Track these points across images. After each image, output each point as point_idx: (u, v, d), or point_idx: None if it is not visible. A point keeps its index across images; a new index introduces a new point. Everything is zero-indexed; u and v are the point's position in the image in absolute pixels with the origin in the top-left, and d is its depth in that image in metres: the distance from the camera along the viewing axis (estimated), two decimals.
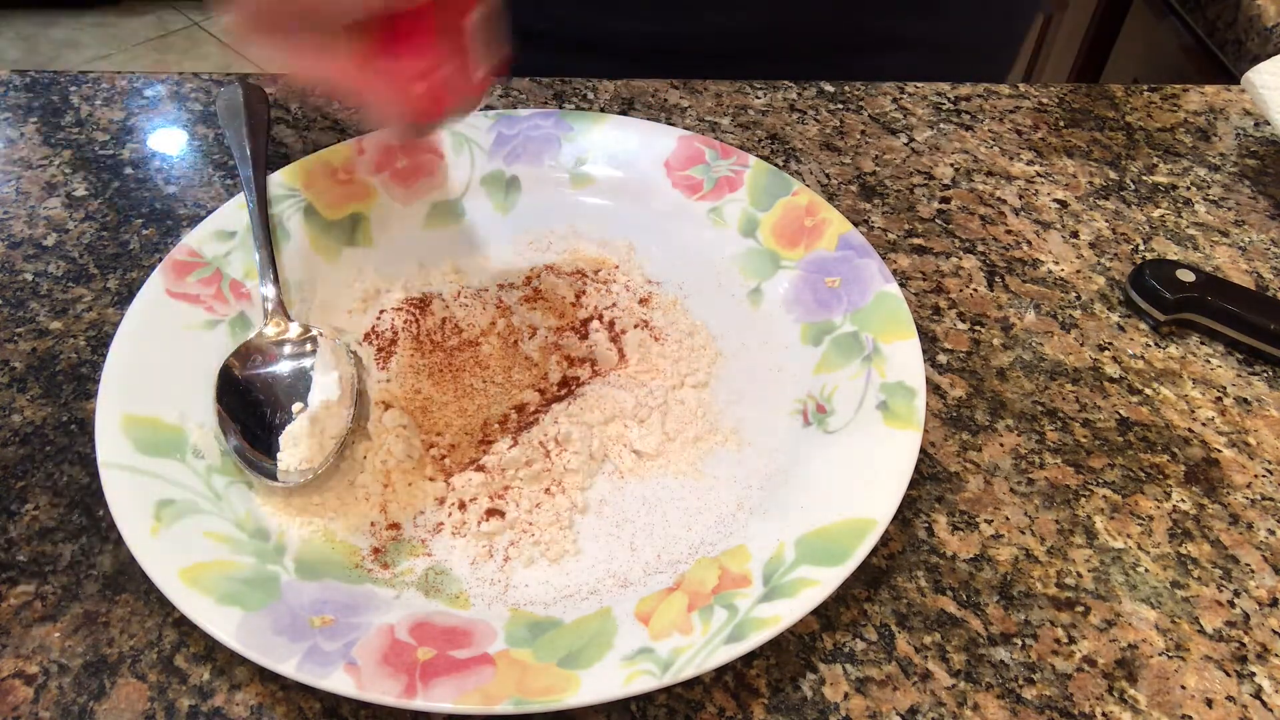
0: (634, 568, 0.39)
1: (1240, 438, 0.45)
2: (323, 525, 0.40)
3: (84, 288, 0.49)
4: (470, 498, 0.41)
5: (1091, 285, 0.51)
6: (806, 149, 0.58)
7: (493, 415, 0.44)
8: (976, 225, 0.54)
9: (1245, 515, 0.42)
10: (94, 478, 0.41)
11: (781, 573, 0.37)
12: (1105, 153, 0.60)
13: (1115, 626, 0.38)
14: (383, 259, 0.50)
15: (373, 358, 0.46)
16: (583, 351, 0.46)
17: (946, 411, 0.45)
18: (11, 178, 0.54)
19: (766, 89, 0.62)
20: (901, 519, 0.41)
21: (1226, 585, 0.40)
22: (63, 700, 0.35)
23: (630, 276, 0.50)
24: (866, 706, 0.36)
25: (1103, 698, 0.36)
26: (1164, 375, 0.47)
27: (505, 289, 0.49)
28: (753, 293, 0.49)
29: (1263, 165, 0.59)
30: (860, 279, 0.47)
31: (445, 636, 0.36)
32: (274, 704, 0.35)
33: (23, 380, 0.45)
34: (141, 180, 0.54)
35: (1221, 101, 0.64)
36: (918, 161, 0.58)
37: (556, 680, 0.34)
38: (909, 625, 0.38)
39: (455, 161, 0.54)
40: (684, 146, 0.54)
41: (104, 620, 0.37)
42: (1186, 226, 0.55)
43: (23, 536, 0.39)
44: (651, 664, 0.34)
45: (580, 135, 0.55)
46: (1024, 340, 0.49)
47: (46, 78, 0.61)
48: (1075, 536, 0.41)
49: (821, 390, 0.44)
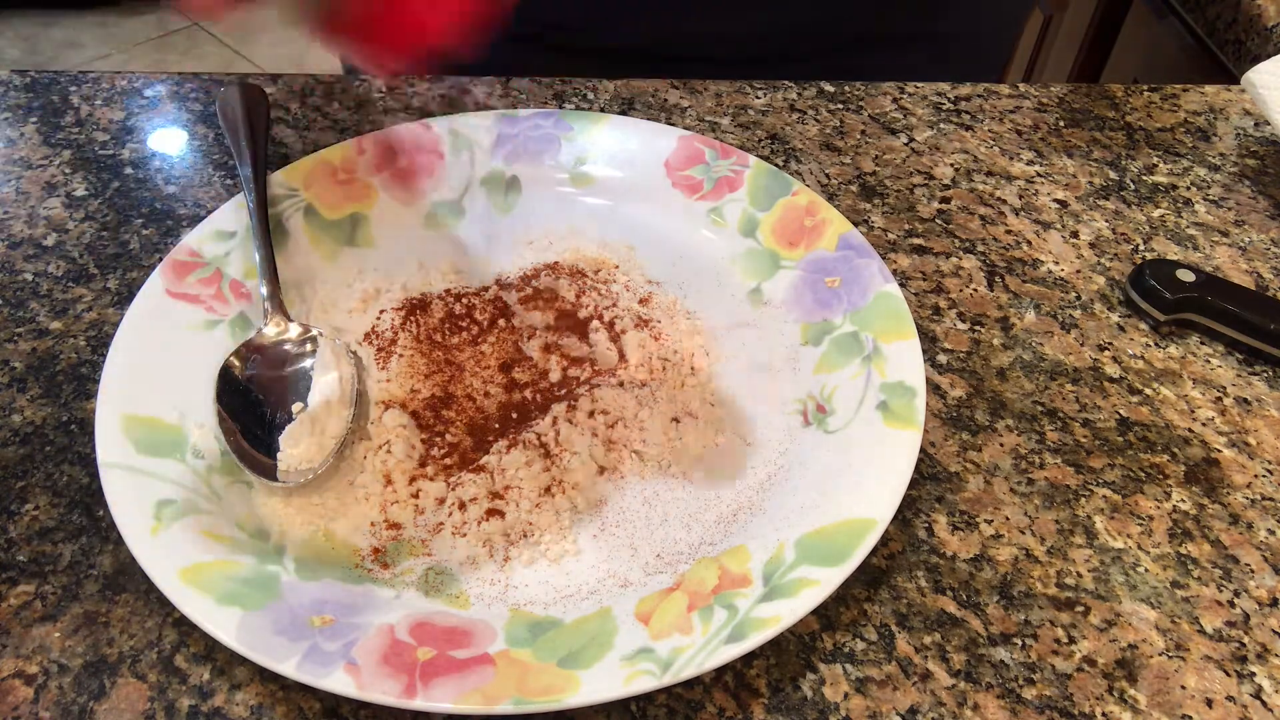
0: (634, 568, 0.39)
1: (1240, 438, 0.45)
2: (323, 525, 0.40)
3: (84, 288, 0.49)
4: (470, 498, 0.41)
5: (1091, 285, 0.51)
6: (806, 149, 0.58)
7: (493, 415, 0.44)
8: (976, 225, 0.54)
9: (1245, 515, 0.42)
10: (94, 478, 0.41)
11: (781, 573, 0.37)
12: (1105, 153, 0.60)
13: (1115, 626, 0.38)
14: (383, 259, 0.50)
15: (373, 358, 0.46)
16: (583, 351, 0.46)
17: (946, 411, 0.45)
18: (11, 178, 0.54)
19: (766, 89, 0.62)
20: (901, 519, 0.41)
21: (1226, 585, 0.40)
22: (63, 700, 0.35)
23: (630, 276, 0.50)
24: (866, 706, 0.36)
25: (1103, 698, 0.36)
26: (1164, 375, 0.47)
27: (505, 289, 0.49)
28: (753, 293, 0.49)
29: (1263, 165, 0.59)
30: (860, 279, 0.47)
31: (445, 636, 0.36)
32: (274, 704, 0.35)
33: (23, 380, 0.45)
34: (141, 180, 0.54)
35: (1221, 101, 0.64)
36: (918, 161, 0.58)
37: (556, 680, 0.34)
38: (909, 625, 0.38)
39: (455, 161, 0.54)
40: (684, 146, 0.54)
41: (104, 620, 0.37)
42: (1186, 226, 0.55)
43: (23, 536, 0.39)
44: (651, 664, 0.34)
45: (580, 135, 0.55)
46: (1024, 340, 0.49)
47: (46, 78, 0.61)
48: (1075, 536, 0.41)
49: (821, 390, 0.44)
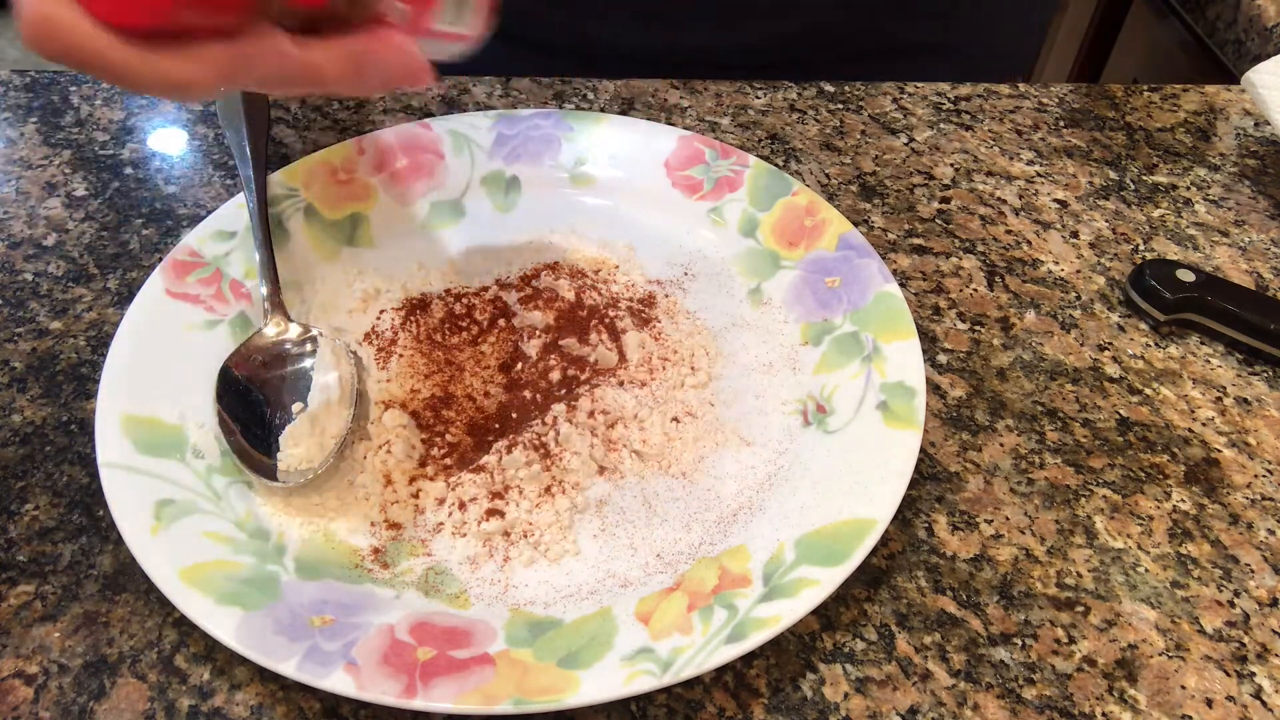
0: (634, 568, 0.39)
1: (1240, 438, 0.45)
2: (323, 525, 0.40)
3: (84, 288, 0.49)
4: (470, 498, 0.41)
5: (1091, 285, 0.51)
6: (806, 149, 0.58)
7: (492, 415, 0.44)
8: (976, 225, 0.54)
9: (1245, 515, 0.42)
10: (94, 478, 0.41)
11: (781, 573, 0.37)
12: (1105, 153, 0.60)
13: (1115, 626, 0.38)
14: (383, 259, 0.50)
15: (373, 358, 0.46)
16: (583, 351, 0.46)
17: (946, 411, 0.45)
18: (11, 178, 0.54)
19: (766, 89, 0.62)
20: (901, 519, 0.41)
21: (1226, 585, 0.40)
22: (63, 700, 0.35)
23: (630, 276, 0.50)
24: (866, 706, 0.36)
25: (1103, 698, 0.36)
26: (1164, 375, 0.47)
27: (505, 289, 0.49)
28: (753, 293, 0.49)
29: (1263, 165, 0.59)
30: (860, 279, 0.47)
31: (445, 636, 0.36)
32: (274, 704, 0.35)
33: (23, 380, 0.45)
34: (141, 180, 0.54)
35: (1221, 101, 0.64)
36: (918, 161, 0.58)
37: (556, 680, 0.34)
38: (909, 625, 0.38)
39: (455, 161, 0.54)
40: (684, 146, 0.54)
41: (104, 620, 0.37)
42: (1186, 226, 0.55)
43: (23, 536, 0.39)
44: (651, 664, 0.34)
45: (580, 135, 0.55)
46: (1024, 340, 0.49)
47: (46, 78, 0.61)
48: (1075, 536, 0.41)
49: (821, 390, 0.44)
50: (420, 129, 0.54)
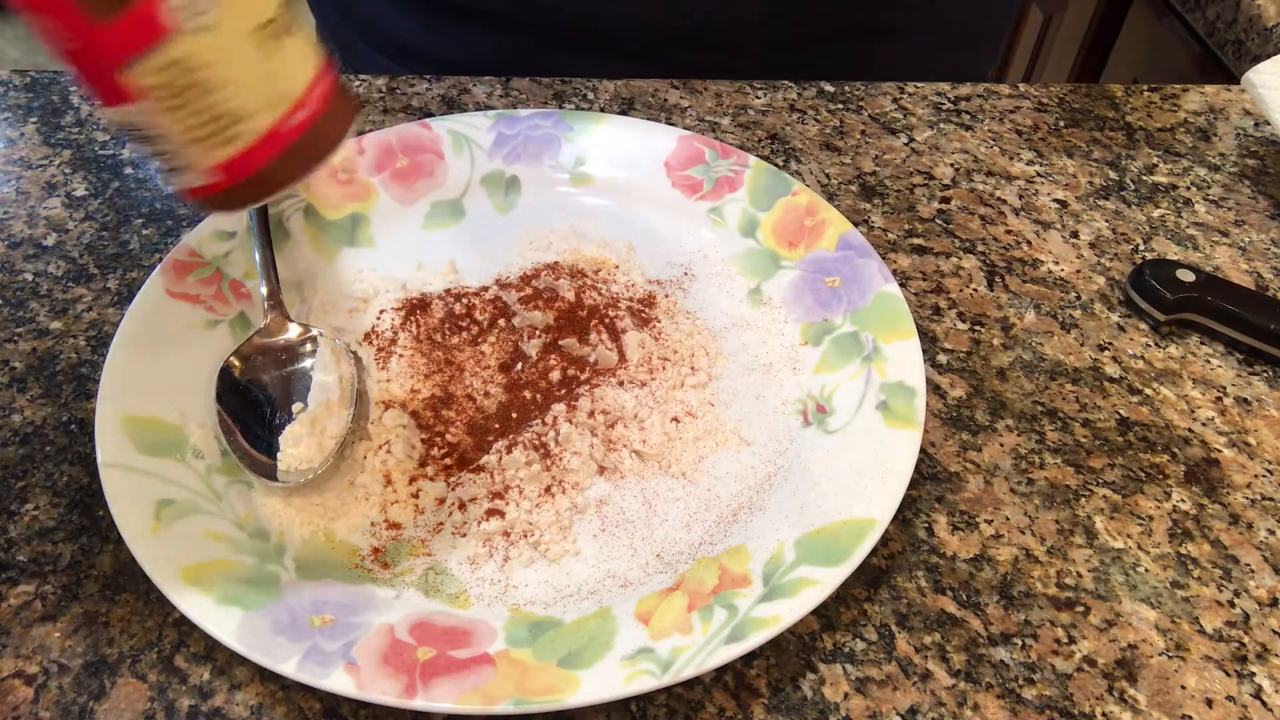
0: (634, 568, 0.39)
1: (1240, 438, 0.45)
2: (323, 525, 0.40)
3: (84, 288, 0.49)
4: (470, 498, 0.41)
5: (1091, 285, 0.51)
6: (806, 149, 0.58)
7: (492, 415, 0.44)
8: (976, 225, 0.54)
9: (1245, 515, 0.42)
10: (94, 478, 0.41)
11: (781, 573, 0.37)
12: (1105, 153, 0.60)
13: (1115, 626, 0.38)
14: (383, 259, 0.50)
15: (373, 358, 0.46)
16: (583, 351, 0.46)
17: (946, 411, 0.45)
18: (11, 178, 0.54)
19: (766, 89, 0.62)
20: (901, 519, 0.41)
21: (1226, 585, 0.40)
22: (63, 700, 0.35)
23: (630, 276, 0.50)
24: (866, 706, 0.36)
25: (1103, 698, 0.36)
26: (1164, 375, 0.47)
27: (505, 289, 0.49)
28: (753, 293, 0.49)
29: (1263, 165, 0.59)
30: (860, 279, 0.47)
31: (445, 636, 0.36)
32: (274, 704, 0.35)
33: (23, 380, 0.45)
34: (141, 180, 0.54)
35: (1221, 101, 0.64)
36: (918, 161, 0.58)
37: (556, 680, 0.34)
38: (909, 625, 0.38)
39: (455, 161, 0.54)
40: (684, 146, 0.54)
41: (104, 620, 0.37)
42: (1186, 226, 0.55)
43: (23, 536, 0.39)
44: (651, 664, 0.34)
45: (580, 135, 0.55)
46: (1024, 340, 0.49)
47: (46, 78, 0.61)
48: (1075, 536, 0.41)
49: (821, 390, 0.44)
50: (420, 129, 0.54)
